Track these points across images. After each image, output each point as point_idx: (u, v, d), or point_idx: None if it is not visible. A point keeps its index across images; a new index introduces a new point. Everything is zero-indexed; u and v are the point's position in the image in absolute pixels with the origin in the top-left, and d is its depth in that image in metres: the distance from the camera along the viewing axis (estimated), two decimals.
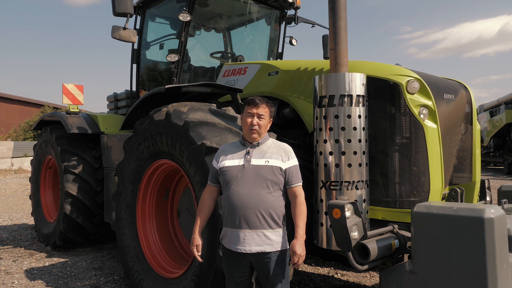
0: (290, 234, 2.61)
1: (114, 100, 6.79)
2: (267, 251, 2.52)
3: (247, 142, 2.67)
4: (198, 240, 2.69)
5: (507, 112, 18.32)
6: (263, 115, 2.63)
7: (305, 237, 2.54)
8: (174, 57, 5.03)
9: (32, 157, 7.07)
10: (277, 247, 2.54)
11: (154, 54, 5.91)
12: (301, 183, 2.64)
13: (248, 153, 2.61)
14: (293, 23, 6.00)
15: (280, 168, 2.57)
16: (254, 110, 2.62)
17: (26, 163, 20.95)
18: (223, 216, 2.64)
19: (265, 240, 2.51)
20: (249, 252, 2.51)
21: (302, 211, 2.57)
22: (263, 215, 2.50)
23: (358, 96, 2.95)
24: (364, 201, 2.98)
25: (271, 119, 2.73)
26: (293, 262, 2.48)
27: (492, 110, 20.31)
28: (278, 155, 2.60)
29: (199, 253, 2.71)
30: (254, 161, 2.57)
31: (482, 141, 20.89)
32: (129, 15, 4.34)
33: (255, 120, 2.61)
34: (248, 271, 2.61)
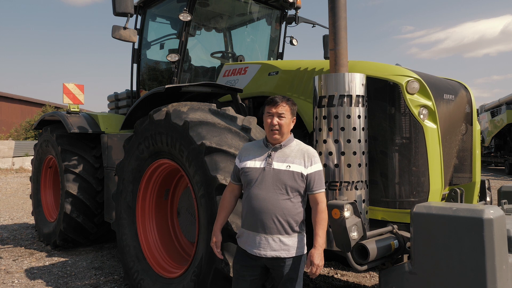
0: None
1: (115, 99, 6.80)
2: (282, 257, 2.46)
3: (269, 144, 2.58)
4: (218, 237, 2.66)
5: (508, 112, 18.28)
6: (283, 114, 2.51)
7: (324, 246, 2.47)
8: (174, 57, 5.03)
9: (33, 157, 7.08)
10: (293, 252, 2.47)
11: (154, 53, 5.92)
12: (323, 190, 2.54)
13: (270, 155, 2.53)
14: (293, 23, 6.01)
15: (302, 174, 2.47)
16: (274, 110, 2.52)
17: (27, 163, 20.96)
18: (242, 216, 2.60)
19: (281, 245, 2.45)
20: (264, 256, 2.47)
21: (323, 219, 2.48)
22: (280, 221, 2.44)
23: (357, 96, 2.95)
24: (364, 201, 2.98)
25: (294, 117, 2.61)
26: (310, 272, 2.40)
27: (493, 110, 20.28)
28: (301, 160, 2.50)
29: (219, 250, 2.67)
30: (276, 165, 2.49)
31: (483, 141, 20.85)
32: (129, 14, 4.33)
33: (275, 120, 2.51)
34: (259, 271, 2.56)
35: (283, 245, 2.46)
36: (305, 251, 2.55)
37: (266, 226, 2.45)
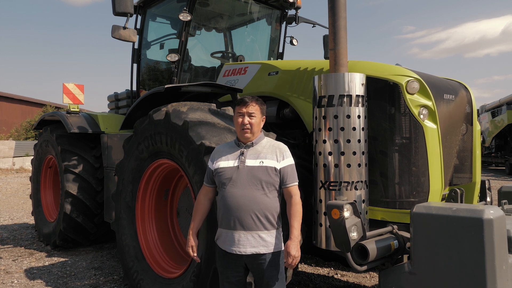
0: (287, 235, 2.60)
1: (115, 99, 6.80)
2: (262, 253, 2.51)
3: (241, 143, 2.65)
4: (193, 241, 2.69)
5: (509, 112, 18.27)
6: (253, 113, 2.61)
7: (300, 238, 2.53)
8: (174, 57, 5.03)
9: (33, 157, 7.09)
10: (272, 248, 2.52)
11: (154, 53, 5.92)
12: (296, 183, 2.61)
13: (242, 154, 2.59)
14: (293, 23, 6.01)
15: (275, 169, 2.54)
16: (244, 109, 2.60)
17: (27, 163, 20.97)
18: (218, 217, 2.63)
19: (260, 241, 2.50)
20: (244, 253, 2.51)
21: (297, 211, 2.55)
22: (258, 216, 2.49)
23: (357, 96, 2.94)
24: (363, 201, 2.97)
25: (264, 116, 2.71)
26: (287, 263, 2.47)
27: (494, 110, 20.27)
28: (273, 155, 2.57)
29: (195, 254, 2.70)
30: (249, 162, 2.55)
31: (483, 141, 20.83)
32: (129, 14, 4.33)
33: (246, 119, 2.59)
34: (243, 271, 2.60)
35: (262, 241, 2.50)
36: (283, 247, 2.58)
37: (244, 223, 2.49)
